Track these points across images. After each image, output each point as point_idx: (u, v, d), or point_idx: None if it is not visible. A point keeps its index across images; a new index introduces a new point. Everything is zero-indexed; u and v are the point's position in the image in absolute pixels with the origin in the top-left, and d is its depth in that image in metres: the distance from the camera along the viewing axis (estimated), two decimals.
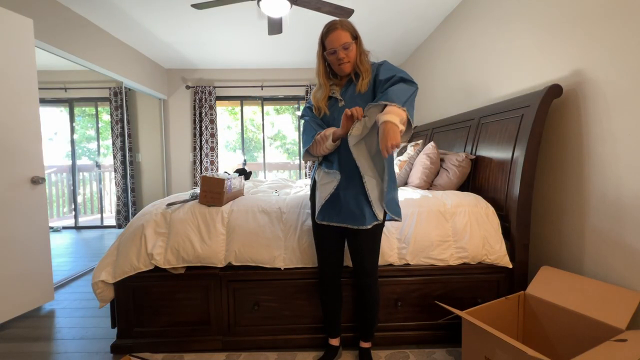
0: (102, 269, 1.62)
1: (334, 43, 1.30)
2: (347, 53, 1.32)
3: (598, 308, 1.29)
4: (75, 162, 4.59)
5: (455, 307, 1.43)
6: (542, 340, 1.46)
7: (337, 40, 1.30)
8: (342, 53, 1.31)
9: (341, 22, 1.32)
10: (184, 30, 3.32)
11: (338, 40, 1.30)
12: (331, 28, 1.31)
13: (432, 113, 3.42)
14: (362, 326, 1.54)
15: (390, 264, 1.67)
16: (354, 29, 1.34)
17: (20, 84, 2.06)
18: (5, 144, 1.97)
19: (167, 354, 1.65)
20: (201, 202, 1.74)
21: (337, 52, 1.31)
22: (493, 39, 2.29)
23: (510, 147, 1.76)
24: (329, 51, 1.32)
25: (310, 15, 2.91)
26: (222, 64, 4.48)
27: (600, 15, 1.46)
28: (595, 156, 1.49)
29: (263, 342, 1.68)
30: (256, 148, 5.20)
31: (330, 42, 1.31)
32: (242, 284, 1.66)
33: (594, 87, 1.49)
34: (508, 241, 1.69)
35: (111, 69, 3.34)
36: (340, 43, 1.30)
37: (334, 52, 1.32)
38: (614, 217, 1.40)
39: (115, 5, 2.76)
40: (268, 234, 1.65)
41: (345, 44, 1.30)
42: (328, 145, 1.34)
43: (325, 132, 1.35)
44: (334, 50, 1.31)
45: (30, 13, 2.34)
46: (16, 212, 2.03)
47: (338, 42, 1.30)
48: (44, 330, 1.94)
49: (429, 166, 2.16)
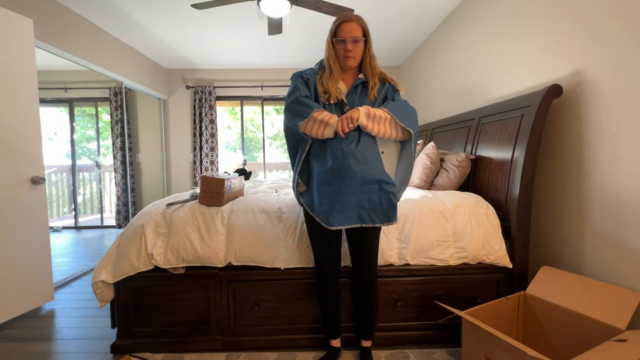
0: (102, 269, 1.62)
1: (345, 33, 1.31)
2: (354, 47, 1.32)
3: (598, 308, 1.29)
4: (75, 162, 4.59)
5: (455, 307, 1.43)
6: (542, 340, 1.46)
7: (349, 31, 1.30)
8: (350, 45, 1.31)
9: (357, 17, 1.33)
10: (184, 30, 3.32)
11: (350, 32, 1.30)
12: (347, 18, 1.32)
13: (432, 113, 3.42)
14: (362, 325, 1.54)
15: (390, 264, 1.67)
16: (367, 28, 1.35)
17: (20, 84, 2.06)
18: (5, 144, 1.97)
19: (167, 354, 1.65)
20: (201, 202, 1.74)
21: (346, 42, 1.31)
22: (493, 39, 2.29)
23: (510, 147, 1.76)
24: (338, 39, 1.32)
25: (310, 15, 2.91)
26: (222, 64, 4.48)
27: (600, 15, 1.46)
28: (595, 156, 1.49)
29: (263, 342, 1.68)
30: (256, 148, 5.20)
31: (342, 30, 1.31)
32: (242, 284, 1.66)
33: (594, 87, 1.49)
34: (508, 241, 1.70)
35: (111, 69, 3.34)
36: (351, 35, 1.30)
37: (343, 42, 1.31)
38: (614, 217, 1.40)
39: (115, 5, 2.76)
40: (268, 234, 1.65)
41: (356, 37, 1.31)
42: (325, 134, 1.28)
43: (327, 118, 1.27)
44: (343, 40, 1.31)
45: (30, 13, 2.34)
46: (16, 212, 2.03)
47: (349, 33, 1.30)
48: (44, 330, 1.94)
49: (429, 166, 2.16)
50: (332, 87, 1.35)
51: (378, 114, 1.29)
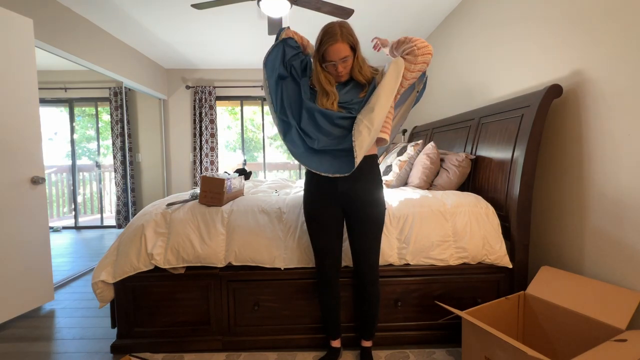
0: (102, 269, 1.62)
1: (334, 56, 1.29)
2: (344, 66, 1.32)
3: (598, 308, 1.29)
4: (75, 162, 4.59)
5: (455, 307, 1.43)
6: (542, 340, 1.46)
7: (336, 54, 1.29)
8: (340, 67, 1.31)
9: (341, 33, 1.28)
10: (184, 30, 3.32)
11: (337, 54, 1.29)
12: (331, 41, 1.27)
13: (432, 113, 3.42)
14: (363, 325, 1.54)
15: (390, 264, 1.67)
16: (353, 39, 1.31)
17: (20, 84, 2.06)
18: (5, 144, 1.97)
19: (167, 354, 1.65)
20: (201, 202, 1.74)
21: (337, 65, 1.31)
22: (493, 39, 2.29)
23: (510, 147, 1.76)
24: (328, 63, 1.32)
25: (310, 15, 2.91)
26: (222, 64, 4.48)
27: (600, 15, 1.46)
28: (595, 156, 1.49)
29: (263, 342, 1.68)
30: (256, 148, 5.20)
31: (329, 54, 1.30)
32: (242, 284, 1.66)
33: (594, 87, 1.49)
34: (508, 241, 1.69)
35: (111, 69, 3.34)
36: (339, 57, 1.29)
37: (334, 65, 1.32)
38: (614, 217, 1.40)
39: (115, 5, 2.76)
40: (268, 234, 1.65)
41: (345, 57, 1.30)
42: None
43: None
44: (334, 63, 1.31)
45: (30, 13, 2.34)
46: (16, 212, 2.03)
47: (337, 55, 1.29)
48: (44, 330, 1.94)
49: (429, 166, 2.16)
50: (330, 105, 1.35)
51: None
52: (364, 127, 1.27)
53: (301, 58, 1.44)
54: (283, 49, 1.41)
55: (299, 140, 1.36)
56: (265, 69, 1.38)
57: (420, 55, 1.30)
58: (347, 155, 1.31)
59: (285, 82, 1.43)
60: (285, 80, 1.43)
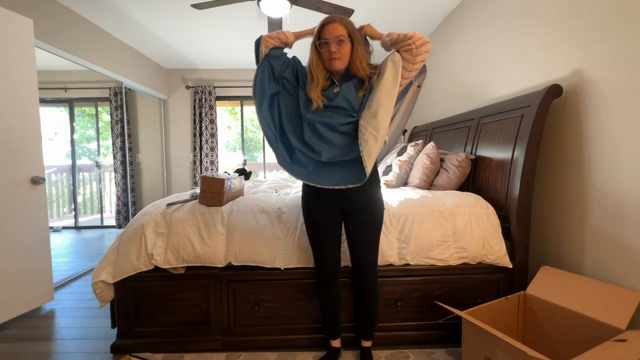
0: (102, 269, 1.62)
1: (328, 34, 1.27)
2: (339, 48, 1.27)
3: (598, 308, 1.29)
4: (75, 162, 4.59)
5: (455, 307, 1.43)
6: (542, 340, 1.46)
7: (331, 32, 1.26)
8: (334, 46, 1.26)
9: (341, 18, 1.29)
10: (183, 30, 3.32)
11: (333, 33, 1.26)
12: (329, 19, 1.28)
13: (432, 113, 3.42)
14: (363, 325, 1.54)
15: (390, 264, 1.67)
16: (352, 28, 1.29)
17: (20, 84, 2.06)
18: (5, 144, 1.97)
19: (167, 354, 1.65)
20: (201, 202, 1.74)
21: (330, 44, 1.26)
22: (493, 39, 2.29)
23: (510, 147, 1.76)
24: (322, 41, 1.29)
25: (310, 15, 2.91)
26: (222, 64, 4.48)
27: (600, 15, 1.46)
28: (595, 156, 1.49)
29: (263, 342, 1.68)
30: (256, 148, 5.20)
31: (324, 32, 1.28)
32: (242, 284, 1.66)
33: (594, 87, 1.49)
34: (508, 241, 1.69)
35: (111, 69, 3.34)
36: (334, 35, 1.26)
37: (326, 43, 1.27)
38: (614, 217, 1.40)
39: (115, 5, 2.76)
40: (268, 234, 1.65)
41: (340, 37, 1.26)
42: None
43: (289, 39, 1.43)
44: (327, 41, 1.27)
45: (30, 13, 2.34)
46: (16, 212, 2.03)
47: (332, 34, 1.26)
48: (44, 330, 1.94)
49: (429, 166, 2.16)
50: (314, 93, 1.31)
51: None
52: (369, 135, 1.25)
53: (290, 65, 1.42)
54: (269, 65, 1.39)
55: (305, 159, 1.35)
56: (255, 100, 1.39)
57: (418, 55, 1.27)
58: (356, 165, 1.30)
59: (280, 97, 1.41)
60: (280, 94, 1.41)
